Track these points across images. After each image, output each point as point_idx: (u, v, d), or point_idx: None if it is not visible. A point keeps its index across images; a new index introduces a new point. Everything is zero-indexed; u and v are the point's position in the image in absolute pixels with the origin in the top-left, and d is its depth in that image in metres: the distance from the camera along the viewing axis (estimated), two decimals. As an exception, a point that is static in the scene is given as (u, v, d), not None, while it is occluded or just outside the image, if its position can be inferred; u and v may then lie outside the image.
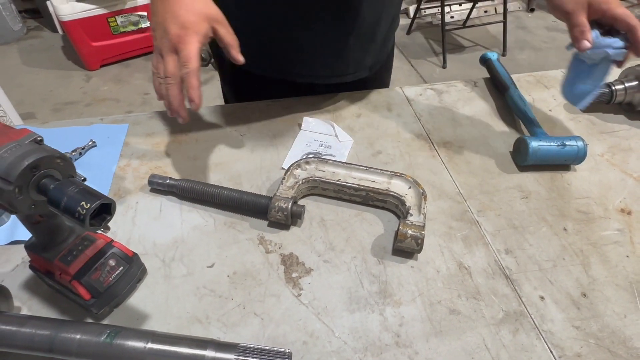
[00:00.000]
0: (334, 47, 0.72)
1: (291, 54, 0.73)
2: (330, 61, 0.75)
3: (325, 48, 0.72)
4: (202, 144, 0.70)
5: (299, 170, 0.62)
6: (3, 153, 0.32)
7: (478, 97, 0.83)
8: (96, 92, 2.14)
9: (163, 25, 0.51)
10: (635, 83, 0.76)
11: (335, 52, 0.73)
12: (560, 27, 2.94)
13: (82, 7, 2.06)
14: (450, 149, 0.71)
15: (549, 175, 0.67)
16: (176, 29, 0.51)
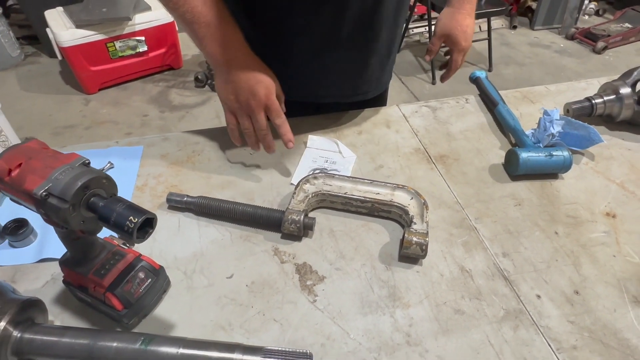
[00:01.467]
0: (358, 67, 0.78)
1: (318, 78, 0.78)
2: (353, 81, 0.81)
3: (349, 70, 0.78)
4: (214, 163, 0.75)
5: (308, 185, 0.66)
6: (58, 175, 0.36)
7: (469, 112, 0.89)
8: (95, 115, 2.18)
9: (250, 90, 0.63)
10: (613, 97, 0.83)
11: (358, 72, 0.79)
12: (542, 43, 3.07)
13: (81, 33, 2.11)
14: (446, 161, 0.76)
15: (539, 184, 0.72)
16: (263, 90, 0.63)
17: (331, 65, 0.76)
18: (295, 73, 0.76)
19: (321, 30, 0.70)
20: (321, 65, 0.75)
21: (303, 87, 0.79)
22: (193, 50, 2.74)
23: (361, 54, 0.76)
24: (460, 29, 0.81)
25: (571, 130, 0.76)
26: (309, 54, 0.74)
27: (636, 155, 0.79)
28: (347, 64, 0.76)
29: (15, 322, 0.44)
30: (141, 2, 2.33)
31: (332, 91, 0.82)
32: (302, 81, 0.78)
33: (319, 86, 0.80)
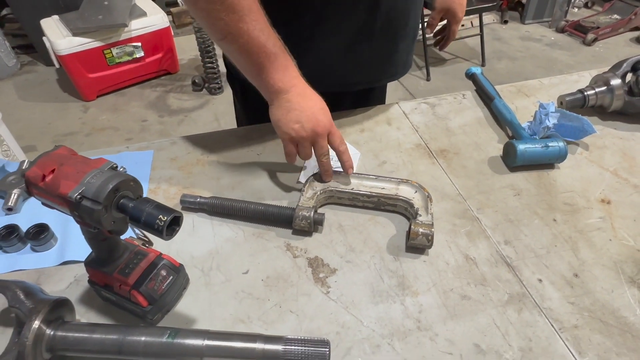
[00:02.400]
0: (388, 54, 0.82)
1: (349, 68, 0.81)
2: (382, 66, 0.84)
3: (379, 57, 0.81)
4: (223, 164, 0.77)
5: (316, 182, 0.69)
6: (90, 179, 0.39)
7: (467, 108, 0.92)
8: (95, 122, 2.20)
9: (315, 117, 0.64)
10: (604, 88, 0.86)
11: (388, 58, 0.83)
12: (533, 37, 3.11)
13: (79, 41, 2.13)
14: (447, 155, 0.79)
15: (536, 174, 0.75)
16: (327, 117, 0.65)
17: (362, 55, 0.79)
18: (328, 66, 0.78)
19: (354, 27, 0.73)
20: (353, 57, 0.78)
21: (333, 78, 0.81)
22: (189, 54, 2.76)
23: (391, 42, 0.80)
24: (457, 1, 0.92)
25: (566, 122, 0.80)
26: (342, 49, 0.77)
27: (628, 144, 0.82)
28: (377, 52, 0.79)
29: (47, 321, 0.46)
30: (137, 8, 2.35)
31: (361, 78, 0.85)
32: (333, 73, 0.80)
33: (349, 75, 0.82)
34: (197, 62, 2.68)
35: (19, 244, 0.61)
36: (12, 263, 0.59)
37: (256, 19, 0.59)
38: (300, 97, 0.64)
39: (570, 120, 0.80)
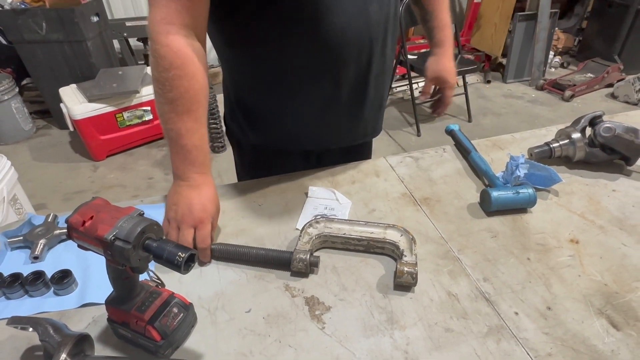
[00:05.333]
0: (355, 119, 0.92)
1: (321, 130, 0.92)
2: (351, 130, 0.95)
3: (347, 121, 0.92)
4: (227, 214, 0.85)
5: (311, 228, 0.77)
6: (122, 223, 0.47)
7: (447, 160, 1.02)
8: (103, 180, 2.31)
9: (189, 206, 0.71)
10: (567, 141, 0.97)
11: (356, 123, 0.93)
12: (515, 94, 3.34)
13: (93, 106, 2.30)
14: (430, 203, 0.88)
15: (511, 218, 0.83)
16: (200, 212, 0.71)
17: (333, 120, 0.90)
18: (301, 128, 0.89)
19: (324, 97, 0.85)
20: (326, 120, 0.90)
21: (307, 139, 0.93)
22: (194, 116, 2.95)
23: (357, 110, 0.91)
24: (447, 69, 1.01)
25: (535, 172, 0.89)
26: (316, 112, 0.88)
27: (593, 189, 0.91)
28: (346, 118, 0.91)
29: (72, 354, 0.52)
30: (147, 76, 2.56)
31: (335, 139, 0.95)
32: (307, 134, 0.92)
33: (321, 136, 0.93)
34: (201, 123, 2.86)
35: (44, 289, 0.67)
36: (37, 306, 0.65)
37: (190, 119, 0.71)
38: (189, 188, 0.73)
39: (539, 170, 0.89)
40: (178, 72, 0.69)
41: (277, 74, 0.84)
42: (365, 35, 0.80)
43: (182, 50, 0.69)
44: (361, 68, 0.83)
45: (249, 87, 0.89)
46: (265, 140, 0.94)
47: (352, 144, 0.99)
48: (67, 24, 2.36)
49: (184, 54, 0.69)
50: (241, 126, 0.95)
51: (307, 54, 0.79)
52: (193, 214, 0.71)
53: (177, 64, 0.68)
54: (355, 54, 0.81)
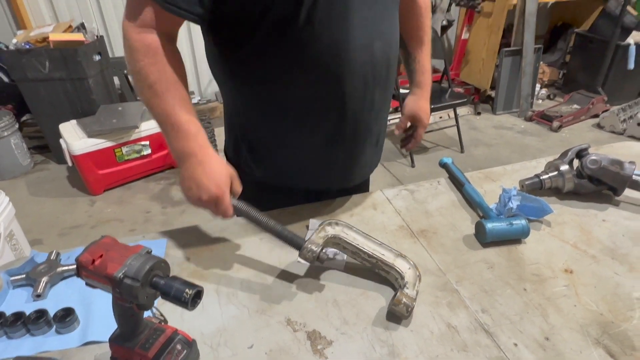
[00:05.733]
0: (355, 157, 0.94)
1: (323, 170, 0.95)
2: (352, 169, 0.97)
3: (348, 160, 0.94)
4: (229, 249, 0.87)
5: (329, 227, 0.78)
6: (131, 262, 0.49)
7: (442, 192, 1.05)
8: (100, 215, 2.31)
9: (202, 185, 0.73)
10: (555, 173, 1.01)
11: (356, 161, 0.95)
12: (505, 125, 3.44)
13: (93, 142, 2.34)
14: (427, 235, 0.90)
15: (506, 249, 0.86)
16: (215, 188, 0.73)
17: (335, 156, 0.92)
18: (304, 165, 0.92)
19: (328, 131, 0.88)
20: (327, 157, 0.92)
21: (310, 176, 0.95)
22: (192, 150, 2.99)
23: (359, 146, 0.93)
24: (423, 110, 1.06)
25: (527, 203, 0.92)
26: (317, 149, 0.91)
27: (584, 219, 0.94)
28: (348, 154, 0.93)
29: (75, 394, 0.52)
30: (147, 112, 2.62)
31: (334, 179, 0.98)
32: (311, 172, 0.94)
33: (323, 175, 0.95)
34: (199, 156, 2.90)
35: (46, 327, 0.68)
36: (39, 345, 0.65)
37: (172, 96, 0.73)
38: (194, 168, 0.74)
39: (530, 201, 0.92)
40: (151, 60, 0.72)
41: (282, 108, 0.86)
42: (369, 71, 0.82)
43: (154, 44, 0.72)
44: (365, 103, 0.87)
45: (254, 121, 0.92)
46: (268, 175, 0.96)
47: (349, 185, 1.01)
48: (70, 62, 2.43)
49: (155, 46, 0.72)
50: (245, 160, 0.97)
51: (312, 88, 0.82)
52: (208, 193, 0.73)
53: (150, 54, 0.72)
54: (359, 89, 0.84)
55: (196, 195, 0.74)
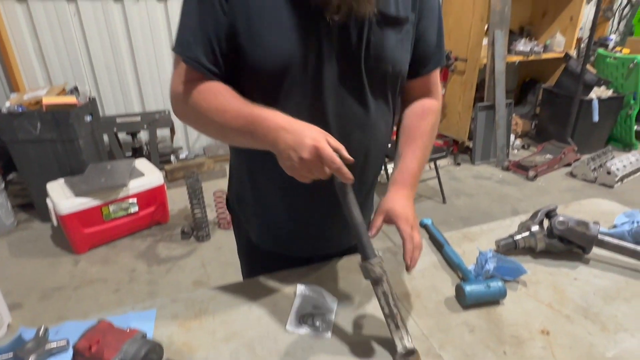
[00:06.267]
0: (330, 229, 0.98)
1: (304, 238, 0.99)
2: (347, 235, 1.00)
3: (324, 231, 0.98)
4: (218, 318, 0.88)
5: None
6: (127, 347, 0.51)
7: (423, 254, 1.08)
8: (84, 275, 2.27)
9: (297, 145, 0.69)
10: (527, 233, 1.07)
11: (331, 232, 0.99)
12: (484, 175, 3.58)
13: (80, 201, 2.35)
14: (410, 298, 0.93)
15: (485, 310, 0.89)
16: (309, 140, 0.69)
17: (308, 229, 0.97)
18: (302, 235, 0.97)
19: (299, 206, 0.93)
20: (302, 229, 0.97)
21: (306, 245, 0.99)
22: (179, 205, 3.01)
23: (332, 222, 0.98)
24: (400, 203, 0.89)
25: (503, 265, 0.97)
26: (293, 221, 0.96)
27: (557, 278, 1.00)
28: (319, 229, 0.98)
29: None
30: (135, 170, 2.66)
31: (312, 247, 1.02)
32: (306, 240, 0.99)
33: (319, 242, 1.00)
34: (186, 211, 2.92)
35: (32, 410, 0.67)
36: None
37: (231, 100, 0.76)
38: (282, 137, 0.71)
39: (506, 263, 0.98)
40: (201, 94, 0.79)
41: (264, 173, 0.92)
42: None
43: (195, 84, 0.80)
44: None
45: (244, 179, 0.97)
46: (255, 235, 1.00)
47: (342, 249, 1.05)
48: (62, 124, 2.50)
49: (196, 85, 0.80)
50: (243, 214, 1.02)
51: None
52: (306, 148, 0.69)
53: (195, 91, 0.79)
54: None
55: (297, 158, 0.69)
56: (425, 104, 0.99)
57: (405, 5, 0.85)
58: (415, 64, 0.92)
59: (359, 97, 0.86)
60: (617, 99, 3.89)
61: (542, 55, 4.09)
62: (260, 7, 0.77)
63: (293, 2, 0.77)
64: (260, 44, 0.78)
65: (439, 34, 0.94)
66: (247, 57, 0.79)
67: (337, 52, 0.81)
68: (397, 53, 0.86)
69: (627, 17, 5.12)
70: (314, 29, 0.78)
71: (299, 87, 0.80)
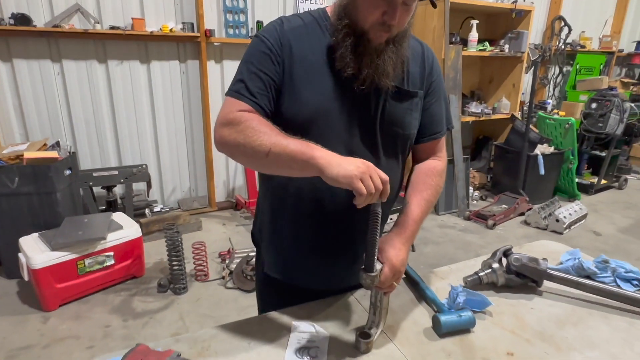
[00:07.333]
0: (337, 264, 1.12)
1: (313, 272, 1.12)
2: (337, 274, 1.14)
3: (331, 266, 1.12)
4: (220, 355, 0.95)
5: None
6: (167, 364, 0.60)
7: (402, 292, 1.23)
8: (54, 332, 2.18)
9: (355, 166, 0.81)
10: (489, 270, 1.24)
11: (339, 267, 1.13)
12: (448, 224, 3.83)
13: (55, 255, 2.31)
14: (393, 330, 1.05)
15: (458, 338, 1.02)
16: (363, 165, 0.82)
17: (316, 264, 1.11)
18: (308, 268, 1.10)
19: (310, 240, 1.07)
20: (311, 263, 1.11)
21: (312, 278, 1.14)
22: (154, 258, 2.99)
23: (339, 258, 1.13)
24: (395, 247, 0.97)
25: (471, 297, 1.12)
26: (303, 255, 1.11)
27: (517, 309, 1.15)
28: (327, 263, 1.11)
29: None
30: (114, 222, 2.67)
31: (346, 279, 1.15)
32: (312, 274, 1.13)
33: (331, 276, 1.12)
34: (162, 264, 2.90)
35: None
36: None
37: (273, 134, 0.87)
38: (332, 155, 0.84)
39: (474, 296, 1.12)
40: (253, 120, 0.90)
41: (281, 207, 1.10)
42: (348, 199, 0.89)
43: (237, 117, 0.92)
44: (343, 223, 1.07)
45: (265, 212, 1.15)
46: (271, 267, 1.15)
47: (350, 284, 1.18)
48: (41, 178, 2.51)
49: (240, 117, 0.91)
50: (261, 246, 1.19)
51: (302, 202, 1.06)
52: (362, 166, 0.81)
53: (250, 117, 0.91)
54: (339, 211, 1.04)
55: (352, 161, 0.82)
56: (431, 164, 1.15)
57: (414, 82, 1.06)
58: (423, 130, 1.13)
59: (372, 153, 1.05)
60: (558, 155, 4.37)
61: (492, 116, 4.58)
62: (304, 73, 0.97)
63: (331, 71, 0.97)
64: (297, 99, 0.97)
65: (444, 107, 1.16)
66: (284, 108, 0.98)
67: (358, 114, 1.02)
68: (407, 119, 1.06)
69: (560, 84, 5.88)
70: (342, 94, 0.98)
71: (322, 139, 0.90)
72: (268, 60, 0.96)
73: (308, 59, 0.97)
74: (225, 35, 3.73)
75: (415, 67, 1.07)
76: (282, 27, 1.00)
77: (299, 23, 1.01)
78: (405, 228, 1.03)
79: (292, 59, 0.97)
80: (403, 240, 1.00)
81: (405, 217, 1.05)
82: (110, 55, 3.35)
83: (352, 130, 1.01)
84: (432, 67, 1.10)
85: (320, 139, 0.89)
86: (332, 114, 0.98)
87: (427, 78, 1.09)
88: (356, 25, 0.93)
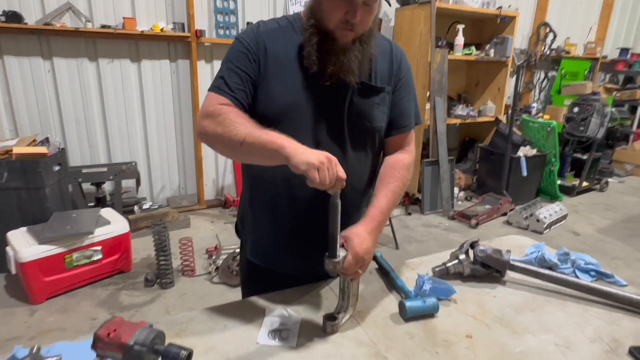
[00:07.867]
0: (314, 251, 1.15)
1: (291, 258, 1.20)
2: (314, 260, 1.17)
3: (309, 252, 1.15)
4: (197, 337, 1.01)
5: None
6: (139, 333, 0.66)
7: (373, 281, 1.29)
8: (41, 325, 2.21)
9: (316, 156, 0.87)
10: (456, 261, 1.31)
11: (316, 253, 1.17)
12: (432, 223, 3.91)
13: (43, 248, 2.34)
14: (362, 315, 1.11)
15: (422, 322, 1.09)
16: (324, 157, 0.87)
17: (294, 249, 1.18)
18: (291, 255, 1.18)
19: (287, 227, 1.15)
20: (290, 249, 1.18)
21: (296, 263, 1.21)
22: (142, 254, 3.03)
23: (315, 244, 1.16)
24: (360, 236, 1.01)
25: (437, 286, 1.19)
26: (280, 241, 1.18)
27: (480, 297, 1.22)
28: (304, 249, 1.17)
29: None
30: (102, 218, 2.71)
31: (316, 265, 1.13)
32: (295, 258, 1.20)
33: (307, 261, 1.16)
34: (149, 260, 2.94)
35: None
36: None
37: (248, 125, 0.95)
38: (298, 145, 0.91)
39: (440, 284, 1.20)
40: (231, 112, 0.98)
41: (262, 194, 1.17)
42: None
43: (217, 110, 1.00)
44: (315, 208, 1.10)
45: (246, 202, 1.23)
46: (252, 253, 1.24)
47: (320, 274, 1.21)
48: (30, 173, 2.55)
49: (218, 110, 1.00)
50: (244, 233, 1.27)
51: (279, 188, 1.13)
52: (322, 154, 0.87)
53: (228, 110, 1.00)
54: (310, 197, 1.10)
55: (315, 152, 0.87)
56: (398, 157, 1.20)
57: (382, 78, 1.13)
58: (392, 123, 1.20)
59: (339, 145, 1.11)
60: (541, 157, 4.49)
61: (477, 119, 4.69)
62: (276, 70, 1.05)
63: (301, 69, 1.05)
64: (268, 94, 1.05)
65: (413, 103, 1.23)
66: (258, 103, 1.05)
67: (326, 109, 1.09)
68: (375, 113, 1.12)
69: (545, 88, 6.02)
70: (310, 90, 1.06)
71: (292, 131, 0.95)
72: (245, 58, 1.04)
73: (280, 57, 1.05)
74: (215, 35, 3.78)
75: (384, 64, 1.14)
76: (259, 29, 1.07)
77: (274, 26, 1.09)
78: (372, 218, 1.07)
79: (266, 57, 1.04)
80: (369, 229, 1.05)
81: (372, 208, 1.09)
82: (101, 53, 3.39)
83: (320, 124, 1.08)
84: (400, 64, 1.17)
85: (290, 131, 0.95)
86: (300, 108, 1.06)
87: (396, 75, 1.16)
88: (322, 25, 1.01)
